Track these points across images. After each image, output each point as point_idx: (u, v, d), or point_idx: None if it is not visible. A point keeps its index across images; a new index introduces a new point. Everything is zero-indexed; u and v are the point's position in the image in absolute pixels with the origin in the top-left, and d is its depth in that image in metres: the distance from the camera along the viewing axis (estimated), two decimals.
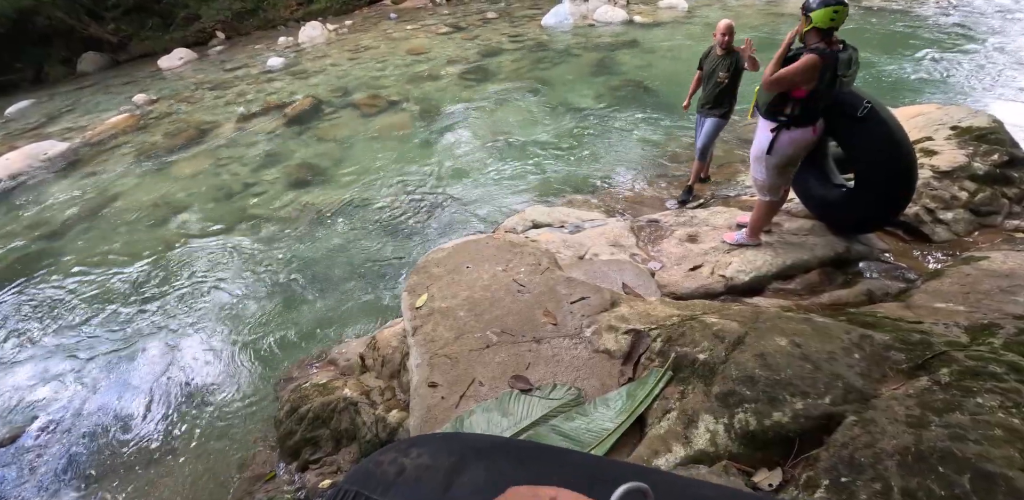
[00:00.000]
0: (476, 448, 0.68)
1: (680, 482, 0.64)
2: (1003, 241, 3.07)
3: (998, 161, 3.65)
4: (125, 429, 3.61)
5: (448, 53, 11.64)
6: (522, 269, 2.79)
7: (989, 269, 2.60)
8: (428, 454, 0.66)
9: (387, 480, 0.65)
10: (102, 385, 4.02)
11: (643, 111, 7.15)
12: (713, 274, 3.04)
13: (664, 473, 0.64)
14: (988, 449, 1.36)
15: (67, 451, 3.52)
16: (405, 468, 0.65)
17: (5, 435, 3.69)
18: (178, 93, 12.21)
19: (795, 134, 2.77)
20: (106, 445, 3.52)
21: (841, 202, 3.17)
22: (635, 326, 2.26)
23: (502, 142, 6.91)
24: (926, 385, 1.66)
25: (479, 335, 2.34)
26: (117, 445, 3.51)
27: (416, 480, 0.63)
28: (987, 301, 2.32)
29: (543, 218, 4.30)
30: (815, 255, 3.06)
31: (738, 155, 5.37)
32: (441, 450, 0.66)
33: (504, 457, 0.66)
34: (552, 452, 0.67)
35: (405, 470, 0.65)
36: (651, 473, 0.71)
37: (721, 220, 3.65)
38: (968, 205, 3.45)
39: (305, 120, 8.97)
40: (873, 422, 1.55)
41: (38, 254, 6.19)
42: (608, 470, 0.64)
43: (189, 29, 19.33)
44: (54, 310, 5.06)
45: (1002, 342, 1.89)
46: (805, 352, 1.85)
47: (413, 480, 0.63)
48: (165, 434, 3.50)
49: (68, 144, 9.71)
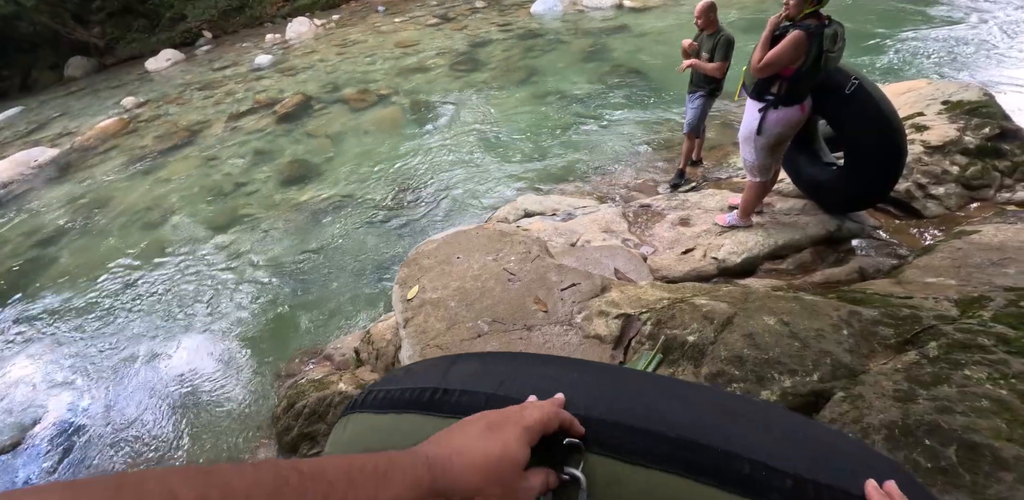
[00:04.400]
0: (472, 353, 0.80)
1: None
2: (995, 214, 3.05)
3: (989, 134, 3.63)
4: (125, 430, 3.63)
5: (437, 44, 11.54)
6: (512, 258, 2.78)
7: (980, 242, 2.59)
8: (432, 361, 0.78)
9: (396, 377, 0.77)
10: (102, 388, 4.04)
11: (635, 96, 7.10)
12: (705, 257, 3.03)
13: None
14: (975, 420, 1.37)
15: (68, 452, 3.55)
16: (412, 369, 0.78)
17: (6, 442, 3.71)
18: (166, 95, 12.14)
19: (783, 113, 2.75)
20: (107, 445, 3.54)
21: (832, 181, 3.15)
22: (626, 311, 2.25)
23: (493, 132, 6.87)
24: (914, 359, 1.66)
25: (470, 325, 2.34)
26: (118, 445, 3.53)
27: (422, 372, 0.74)
28: (978, 274, 2.31)
29: (535, 207, 4.28)
30: (807, 234, 3.05)
31: (729, 138, 5.33)
32: (444, 358, 0.76)
33: (499, 355, 0.78)
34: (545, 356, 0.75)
35: (412, 369, 0.77)
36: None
37: (713, 203, 3.64)
38: (959, 179, 3.43)
39: (295, 117, 8.91)
40: (861, 397, 1.55)
41: (33, 261, 6.20)
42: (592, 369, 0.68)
43: (175, 30, 19.19)
44: (51, 316, 5.07)
45: (992, 314, 1.89)
46: (793, 330, 1.85)
47: (419, 372, 0.74)
48: (165, 433, 3.52)
49: (58, 150, 9.68)
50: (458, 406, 0.62)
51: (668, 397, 0.59)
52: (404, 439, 0.62)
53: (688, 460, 0.50)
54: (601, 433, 0.54)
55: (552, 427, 0.53)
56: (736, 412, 0.57)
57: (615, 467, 0.52)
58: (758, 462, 0.49)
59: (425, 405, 0.65)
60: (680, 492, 0.49)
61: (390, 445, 0.63)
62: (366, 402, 0.73)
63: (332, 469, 0.38)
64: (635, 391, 0.61)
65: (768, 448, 0.51)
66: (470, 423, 0.52)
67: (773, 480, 0.48)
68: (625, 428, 0.54)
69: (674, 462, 0.50)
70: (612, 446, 0.53)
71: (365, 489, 0.38)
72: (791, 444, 0.53)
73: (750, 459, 0.49)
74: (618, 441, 0.53)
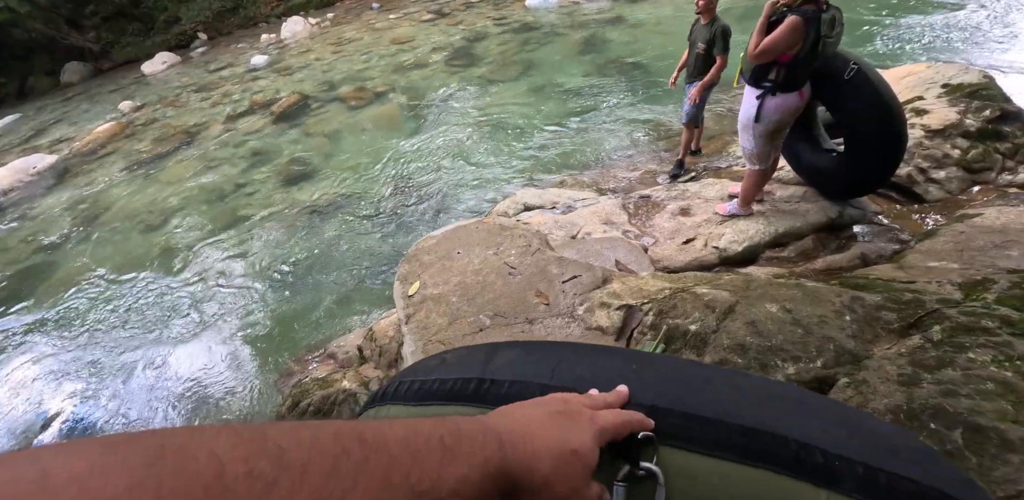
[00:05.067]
0: (509, 341, 0.76)
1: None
2: (997, 197, 3.03)
3: (990, 117, 3.59)
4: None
5: (433, 40, 11.48)
6: (513, 252, 2.78)
7: (983, 225, 2.57)
8: (466, 350, 0.74)
9: (429, 367, 0.72)
10: (108, 391, 4.06)
11: (632, 87, 7.06)
12: (706, 246, 3.02)
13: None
14: (980, 403, 1.36)
15: None
16: (446, 359, 0.73)
17: (15, 448, 3.74)
18: (163, 98, 12.13)
19: (782, 100, 2.72)
20: None
21: (832, 167, 3.13)
22: (627, 302, 2.25)
23: (491, 127, 6.85)
24: (918, 343, 1.65)
25: (472, 319, 2.34)
26: None
27: (458, 362, 0.69)
28: (981, 257, 2.30)
29: (535, 200, 4.27)
30: (808, 221, 3.03)
31: (727, 127, 5.30)
32: (478, 347, 0.73)
33: (540, 344, 0.73)
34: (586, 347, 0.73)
35: (446, 360, 0.72)
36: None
37: (713, 192, 3.62)
38: (961, 163, 3.41)
39: (292, 117, 8.90)
40: (865, 382, 1.54)
41: (37, 268, 6.22)
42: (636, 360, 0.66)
43: (170, 32, 19.16)
44: (55, 322, 5.10)
45: (995, 297, 1.87)
46: (796, 317, 1.84)
47: (455, 363, 0.70)
48: None
49: (57, 156, 9.70)
50: (508, 398, 0.58)
51: (726, 385, 0.58)
52: None
53: (763, 450, 0.50)
54: (672, 424, 0.53)
55: (623, 433, 0.50)
56: (796, 401, 0.57)
57: (689, 459, 0.50)
58: (831, 452, 0.49)
59: (471, 397, 0.61)
60: (757, 483, 0.48)
61: None
62: (397, 393, 0.69)
63: (396, 439, 0.35)
64: (693, 380, 0.59)
65: (838, 437, 0.51)
66: (543, 404, 0.49)
67: (846, 468, 0.48)
68: (697, 419, 0.53)
69: (751, 454, 0.50)
70: (685, 437, 0.52)
71: (429, 465, 0.35)
72: (854, 433, 0.53)
73: (821, 449, 0.49)
74: (691, 432, 0.52)
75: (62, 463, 0.23)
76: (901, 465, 0.50)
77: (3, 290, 5.93)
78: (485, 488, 0.38)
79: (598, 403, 0.52)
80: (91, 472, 0.22)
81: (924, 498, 0.48)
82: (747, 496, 0.48)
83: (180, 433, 0.27)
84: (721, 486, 0.48)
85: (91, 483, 0.22)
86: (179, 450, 0.25)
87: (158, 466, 0.24)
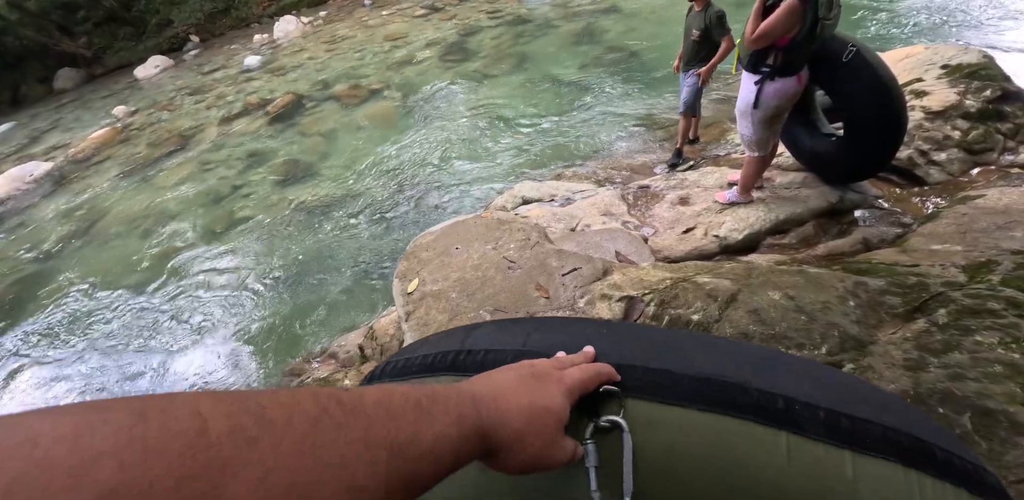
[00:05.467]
0: (486, 321, 0.78)
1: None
2: (999, 178, 3.00)
3: (991, 97, 3.55)
4: None
5: (426, 36, 11.40)
6: (512, 246, 2.76)
7: (985, 207, 2.54)
8: (448, 330, 0.76)
9: (413, 347, 0.75)
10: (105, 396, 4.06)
11: (629, 77, 7.00)
12: (707, 235, 3.00)
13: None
14: (988, 386, 1.34)
15: None
16: (428, 339, 0.76)
17: None
18: (157, 102, 12.09)
19: (780, 85, 2.68)
20: None
21: (832, 152, 3.09)
22: (628, 293, 2.22)
23: (488, 121, 6.81)
24: (923, 327, 1.63)
25: (472, 315, 2.32)
26: None
27: (440, 340, 0.72)
28: (984, 239, 2.27)
29: (533, 193, 4.24)
30: (808, 207, 3.00)
31: (725, 114, 5.26)
32: (459, 327, 0.75)
33: (518, 319, 0.75)
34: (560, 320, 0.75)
35: (428, 340, 0.75)
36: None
37: (712, 180, 3.59)
38: (962, 144, 3.37)
39: (287, 117, 8.86)
40: (871, 368, 1.52)
41: (35, 276, 6.22)
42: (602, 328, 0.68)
43: (162, 36, 19.08)
44: (57, 330, 5.09)
45: (1000, 278, 1.85)
46: (799, 304, 1.82)
47: (437, 341, 0.73)
48: None
49: (53, 164, 9.69)
50: (484, 365, 0.60)
51: (700, 345, 0.60)
52: None
53: (724, 398, 0.51)
54: (635, 378, 0.55)
55: (591, 387, 0.52)
56: (768, 358, 0.59)
57: (653, 409, 0.52)
58: (791, 398, 0.51)
59: (449, 367, 0.64)
60: (718, 428, 0.50)
61: None
62: (386, 371, 0.72)
63: (372, 401, 0.35)
64: (665, 341, 0.61)
65: (800, 387, 0.53)
66: (513, 369, 0.51)
67: (806, 412, 0.50)
68: (659, 372, 0.55)
69: (711, 400, 0.51)
70: (647, 389, 0.53)
71: (406, 423, 0.35)
72: (822, 385, 0.54)
73: (783, 395, 0.51)
74: (653, 384, 0.54)
75: (50, 425, 0.23)
76: (867, 411, 0.51)
77: (3, 300, 5.92)
78: (462, 446, 0.39)
79: (565, 364, 0.54)
80: (78, 433, 0.23)
81: (891, 441, 0.49)
82: (707, 440, 0.49)
83: (160, 396, 0.27)
84: (682, 433, 0.50)
85: (79, 443, 0.22)
86: (161, 411, 0.26)
87: (141, 426, 0.24)
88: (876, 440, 0.48)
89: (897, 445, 0.48)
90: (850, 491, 0.46)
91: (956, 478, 0.49)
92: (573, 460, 0.49)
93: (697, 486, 0.48)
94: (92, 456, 0.22)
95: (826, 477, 0.46)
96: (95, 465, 0.22)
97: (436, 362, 0.66)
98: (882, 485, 0.46)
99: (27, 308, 5.63)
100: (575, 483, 0.51)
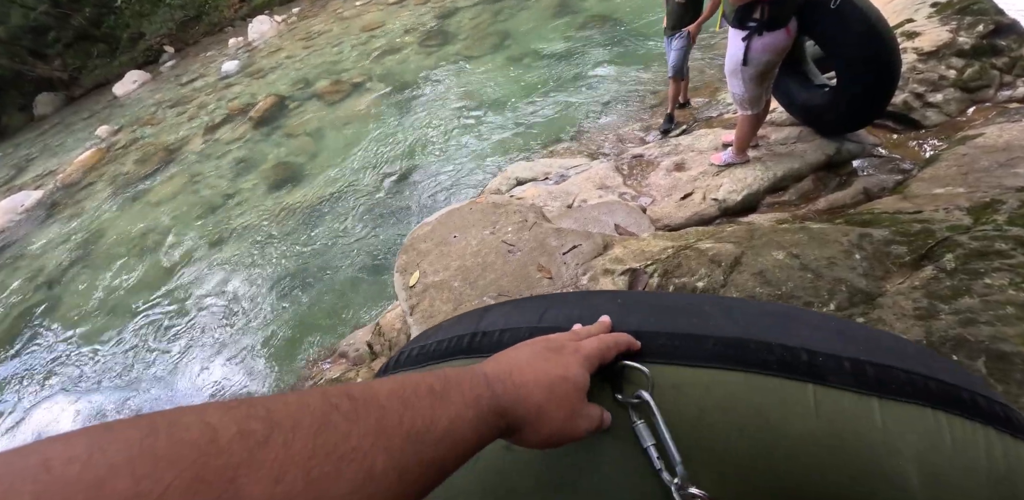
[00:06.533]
0: (499, 302, 0.77)
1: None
2: (997, 114, 2.92)
3: (984, 32, 3.44)
4: None
5: (403, 23, 11.17)
6: (509, 229, 2.73)
7: (985, 145, 2.48)
8: (462, 314, 0.75)
9: (428, 334, 0.74)
10: (124, 413, 4.11)
11: (613, 46, 6.85)
12: (705, 199, 2.95)
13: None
14: (1001, 329, 1.32)
15: None
16: (442, 325, 0.75)
17: None
18: (139, 118, 12.00)
19: (768, 39, 2.60)
20: None
21: (826, 102, 3.02)
22: (631, 265, 2.20)
23: (474, 104, 6.71)
24: (932, 274, 1.60)
25: (476, 302, 2.31)
26: None
27: (454, 325, 0.71)
28: (987, 178, 2.22)
29: (526, 173, 4.20)
30: (806, 162, 2.95)
31: (713, 75, 5.15)
32: (473, 310, 0.74)
33: (532, 298, 0.74)
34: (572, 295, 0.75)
35: (442, 326, 0.74)
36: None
37: (706, 143, 3.53)
38: (957, 83, 3.28)
39: (271, 120, 8.78)
40: (881, 321, 1.50)
41: (39, 305, 6.27)
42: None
43: (136, 49, 18.81)
44: (65, 352, 5.15)
45: (1006, 217, 1.81)
46: (804, 262, 1.79)
47: (451, 325, 0.72)
48: None
49: (43, 191, 9.69)
50: (500, 344, 0.59)
51: (715, 308, 0.59)
52: None
53: (747, 356, 0.51)
54: (657, 343, 0.55)
55: (610, 356, 0.52)
56: (787, 314, 0.59)
57: (675, 372, 0.52)
58: (814, 350, 0.50)
59: (466, 350, 0.63)
60: (745, 385, 0.50)
61: None
62: (400, 361, 0.71)
63: (384, 392, 0.35)
64: (682, 306, 0.61)
65: (822, 340, 0.52)
66: (527, 344, 0.51)
67: (831, 363, 0.50)
68: (679, 336, 0.54)
69: (734, 359, 0.51)
70: (669, 353, 0.53)
71: (420, 409, 0.35)
72: (844, 336, 0.54)
73: (806, 349, 0.51)
74: (675, 348, 0.54)
75: (61, 447, 0.24)
76: (891, 358, 0.51)
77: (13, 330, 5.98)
78: (481, 427, 0.39)
79: (581, 335, 0.54)
80: (90, 452, 0.24)
81: (916, 385, 0.49)
82: (732, 398, 0.49)
83: (169, 411, 0.28)
84: (707, 392, 0.50)
85: (92, 460, 0.23)
86: (170, 424, 0.26)
87: (151, 438, 0.25)
88: (902, 385, 0.48)
89: (923, 389, 0.49)
90: (880, 436, 0.46)
91: (984, 417, 0.48)
92: (601, 428, 0.48)
93: (732, 443, 0.48)
94: (106, 471, 0.23)
95: (856, 425, 0.47)
96: (110, 479, 0.23)
97: (452, 347, 0.65)
98: (911, 428, 0.47)
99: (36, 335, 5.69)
100: (607, 458, 0.50)
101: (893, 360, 0.51)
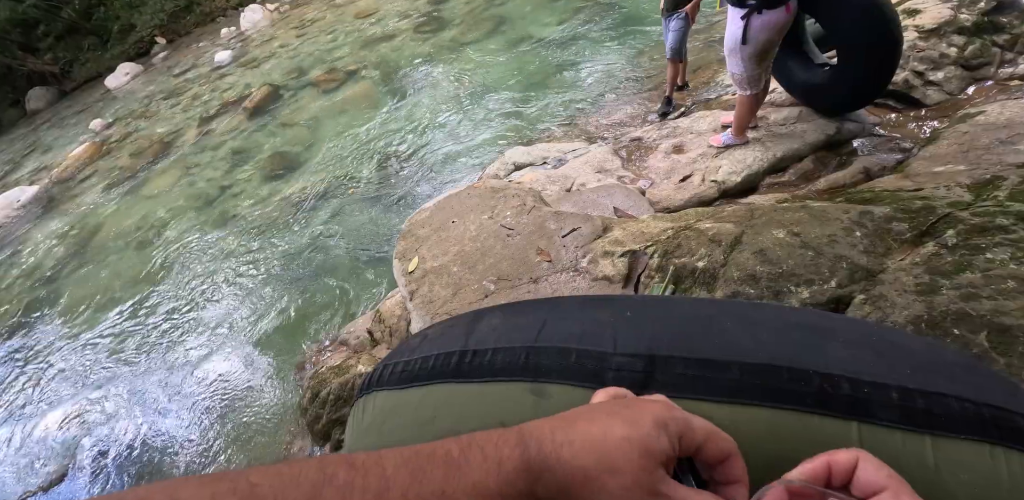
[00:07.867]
0: (492, 306, 0.71)
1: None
2: (998, 92, 2.90)
3: (985, 8, 3.40)
4: (161, 445, 3.71)
5: (397, 8, 11.00)
6: (508, 213, 2.72)
7: (986, 123, 2.46)
8: (448, 322, 0.70)
9: (411, 346, 0.68)
10: (131, 408, 4.11)
11: (610, 28, 6.75)
12: (704, 181, 2.94)
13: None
14: (1002, 303, 1.31)
15: (112, 475, 3.64)
16: (427, 335, 0.69)
17: (53, 475, 3.83)
18: (133, 110, 11.88)
19: (768, 17, 2.56)
20: (147, 462, 3.63)
21: (826, 82, 2.99)
22: (630, 247, 2.19)
23: (471, 90, 6.64)
24: (933, 250, 1.59)
25: (476, 287, 2.30)
26: (158, 460, 3.61)
27: (440, 336, 0.65)
28: (987, 155, 2.20)
29: (524, 158, 4.17)
30: (806, 142, 2.93)
31: (712, 56, 5.09)
32: (460, 317, 0.68)
33: (525, 303, 0.69)
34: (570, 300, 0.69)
35: (427, 336, 0.68)
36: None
37: (705, 125, 3.50)
38: (958, 61, 3.25)
39: (266, 110, 8.69)
40: (883, 297, 1.50)
41: (39, 300, 6.25)
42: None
43: (127, 41, 18.54)
44: (70, 347, 5.15)
45: (1007, 193, 1.80)
46: (804, 240, 1.78)
47: (437, 337, 0.66)
48: (202, 442, 3.58)
49: (38, 187, 9.62)
50: (492, 367, 0.54)
51: (733, 320, 0.53)
52: (436, 414, 0.55)
53: (777, 388, 0.45)
54: (674, 374, 0.48)
55: (697, 442, 0.37)
56: (816, 326, 0.52)
57: (695, 409, 0.43)
58: (856, 379, 0.44)
59: (453, 372, 0.57)
60: (774, 425, 0.43)
61: (422, 423, 0.56)
62: (382, 379, 0.65)
63: (393, 461, 0.32)
64: (697, 318, 0.54)
65: (862, 361, 0.46)
66: (596, 401, 0.43)
67: (877, 395, 0.43)
68: (698, 363, 0.48)
69: (762, 393, 0.45)
70: (686, 386, 0.47)
71: (431, 483, 0.31)
72: (880, 353, 0.48)
73: (848, 377, 0.44)
74: (692, 379, 0.47)
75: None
76: (939, 380, 0.45)
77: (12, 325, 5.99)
78: (509, 495, 0.33)
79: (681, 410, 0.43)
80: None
81: (970, 417, 0.43)
82: (761, 443, 0.43)
83: (142, 487, 0.27)
84: (737, 435, 0.41)
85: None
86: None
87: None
88: (955, 418, 0.43)
89: (977, 419, 0.43)
90: (932, 477, 0.40)
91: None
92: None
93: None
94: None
95: (908, 470, 0.38)
96: None
97: (438, 367, 0.59)
98: (966, 469, 0.41)
99: (38, 329, 5.70)
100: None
101: (941, 383, 0.45)
